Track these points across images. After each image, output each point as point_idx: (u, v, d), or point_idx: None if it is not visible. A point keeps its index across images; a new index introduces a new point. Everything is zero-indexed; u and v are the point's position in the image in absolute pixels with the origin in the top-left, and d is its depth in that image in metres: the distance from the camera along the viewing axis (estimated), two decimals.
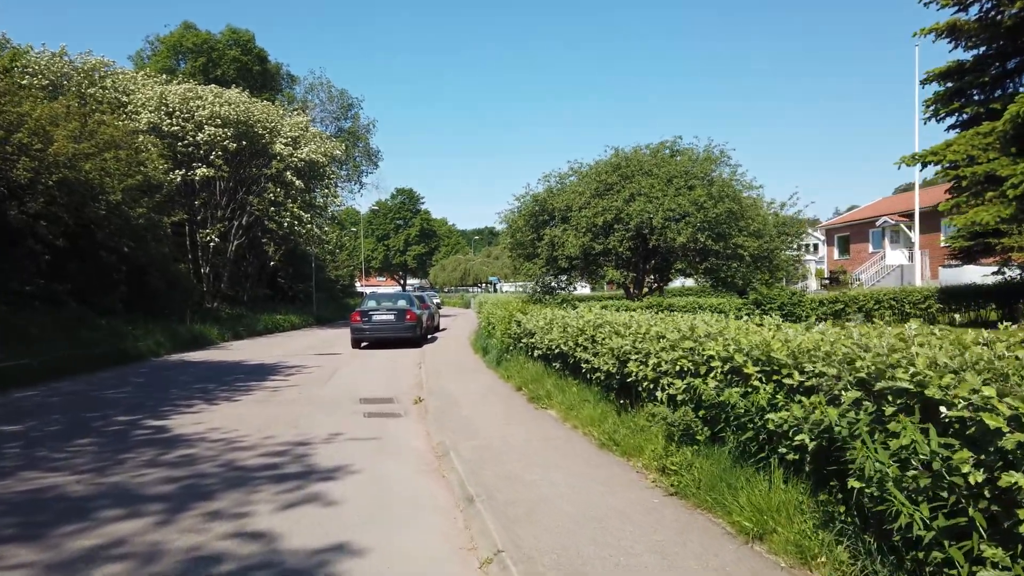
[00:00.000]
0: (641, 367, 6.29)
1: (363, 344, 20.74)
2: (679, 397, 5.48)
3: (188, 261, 30.07)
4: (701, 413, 5.33)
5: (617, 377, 7.09)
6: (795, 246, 26.54)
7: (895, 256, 42.11)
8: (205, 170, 27.32)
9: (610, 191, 22.11)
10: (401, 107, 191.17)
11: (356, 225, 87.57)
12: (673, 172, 21.77)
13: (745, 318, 6.13)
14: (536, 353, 10.77)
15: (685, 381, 5.37)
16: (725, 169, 22.89)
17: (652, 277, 24.85)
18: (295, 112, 34.22)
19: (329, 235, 47.76)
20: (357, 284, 76.14)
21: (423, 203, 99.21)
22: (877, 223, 42.70)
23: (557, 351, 9.37)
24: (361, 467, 6.34)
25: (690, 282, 37.64)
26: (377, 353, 18.80)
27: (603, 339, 7.56)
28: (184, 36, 36.49)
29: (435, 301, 38.88)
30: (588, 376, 8.46)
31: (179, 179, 26.74)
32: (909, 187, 75.49)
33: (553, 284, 24.32)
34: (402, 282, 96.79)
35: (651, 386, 6.21)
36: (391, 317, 20.31)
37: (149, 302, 23.61)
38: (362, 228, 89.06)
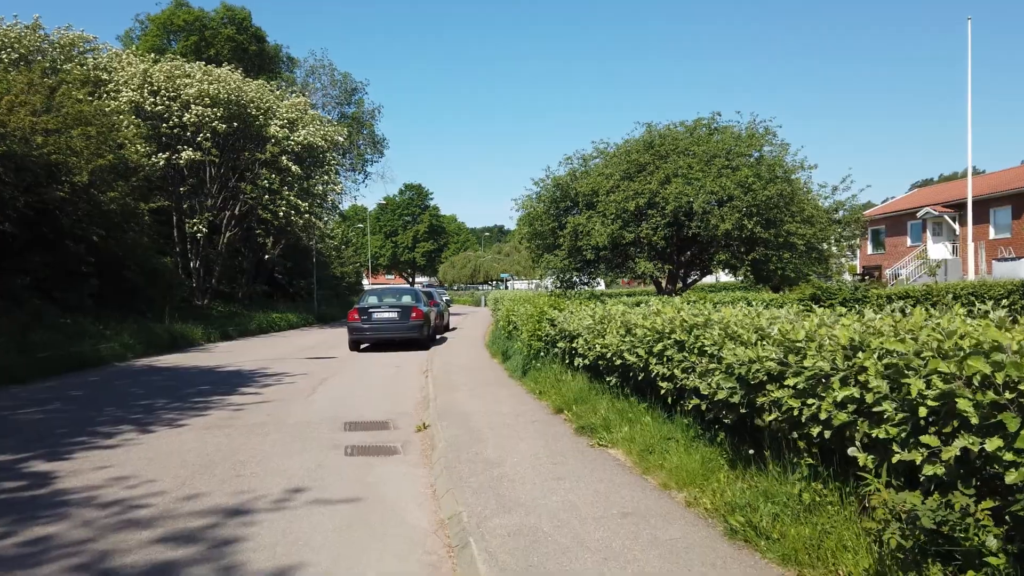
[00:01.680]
0: (810, 402, 3.57)
1: (362, 346, 18.13)
2: (931, 471, 2.76)
3: (176, 254, 27.54)
4: (986, 504, 2.63)
5: (742, 410, 4.38)
6: (848, 235, 23.73)
7: (937, 250, 39.08)
8: (191, 153, 24.75)
9: (642, 172, 19.42)
10: (409, 104, 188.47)
11: (363, 221, 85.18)
12: (714, 151, 19.04)
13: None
14: (580, 363, 8.07)
15: (959, 442, 2.64)
16: (772, 149, 20.11)
17: (683, 271, 22.05)
18: (293, 94, 31.62)
19: (334, 230, 45.17)
20: (365, 281, 73.65)
21: (432, 199, 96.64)
22: (918, 215, 39.64)
23: (618, 363, 6.66)
24: (320, 572, 3.67)
25: (723, 277, 34.77)
26: (377, 357, 16.17)
27: (707, 347, 4.86)
28: (175, 14, 33.93)
29: (444, 298, 36.25)
30: (669, 400, 5.77)
31: (162, 163, 24.15)
32: (927, 182, 71.90)
33: (576, 279, 21.67)
34: (411, 279, 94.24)
35: (824, 433, 3.50)
36: (394, 315, 17.65)
37: (125, 298, 21.08)
38: (369, 224, 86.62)
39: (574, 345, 8.30)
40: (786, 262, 18.90)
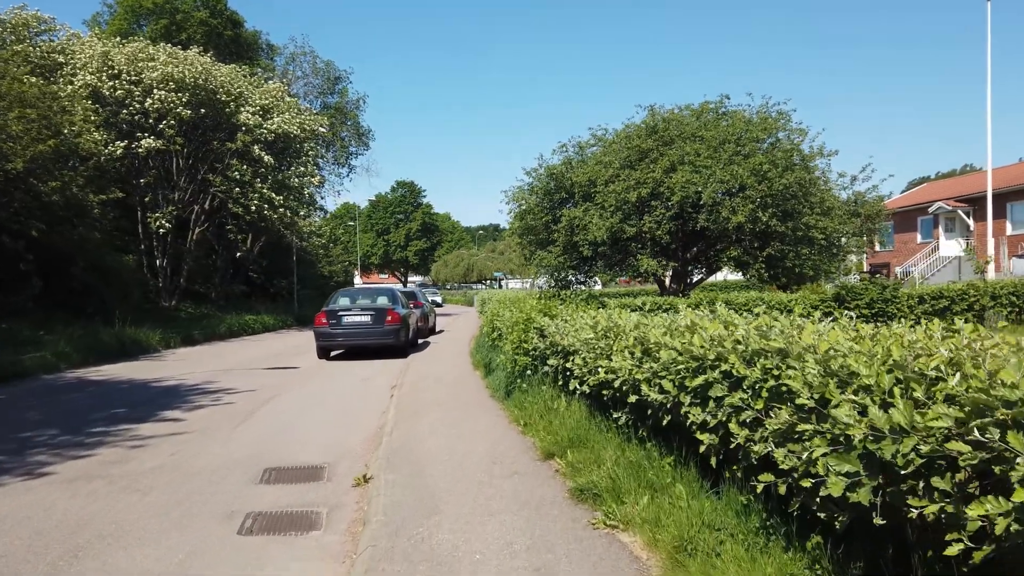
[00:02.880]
0: None
1: (333, 354, 16.14)
2: None
3: (140, 251, 25.46)
4: None
5: (877, 519, 2.42)
6: (874, 228, 21.91)
7: (950, 247, 37.24)
8: (152, 141, 22.64)
9: (644, 160, 17.49)
10: (403, 101, 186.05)
11: (354, 219, 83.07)
12: (724, 136, 17.13)
13: None
14: (577, 388, 6.10)
15: None
16: (787, 134, 18.19)
17: (690, 268, 20.12)
18: (271, 81, 29.53)
19: (322, 228, 42.97)
20: (357, 280, 71.54)
21: (425, 196, 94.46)
22: (930, 210, 37.85)
23: (632, 398, 4.69)
24: None
25: (724, 275, 32.72)
26: (346, 367, 14.19)
27: (795, 394, 2.89)
28: None
29: (432, 299, 34.20)
30: (713, 461, 3.81)
31: (120, 151, 22.06)
32: (923, 180, 69.61)
33: (572, 278, 19.75)
34: (403, 278, 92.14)
35: None
36: (367, 319, 15.64)
37: (75, 299, 19.06)
38: (360, 222, 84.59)
39: (569, 365, 6.33)
40: (804, 258, 17.03)
